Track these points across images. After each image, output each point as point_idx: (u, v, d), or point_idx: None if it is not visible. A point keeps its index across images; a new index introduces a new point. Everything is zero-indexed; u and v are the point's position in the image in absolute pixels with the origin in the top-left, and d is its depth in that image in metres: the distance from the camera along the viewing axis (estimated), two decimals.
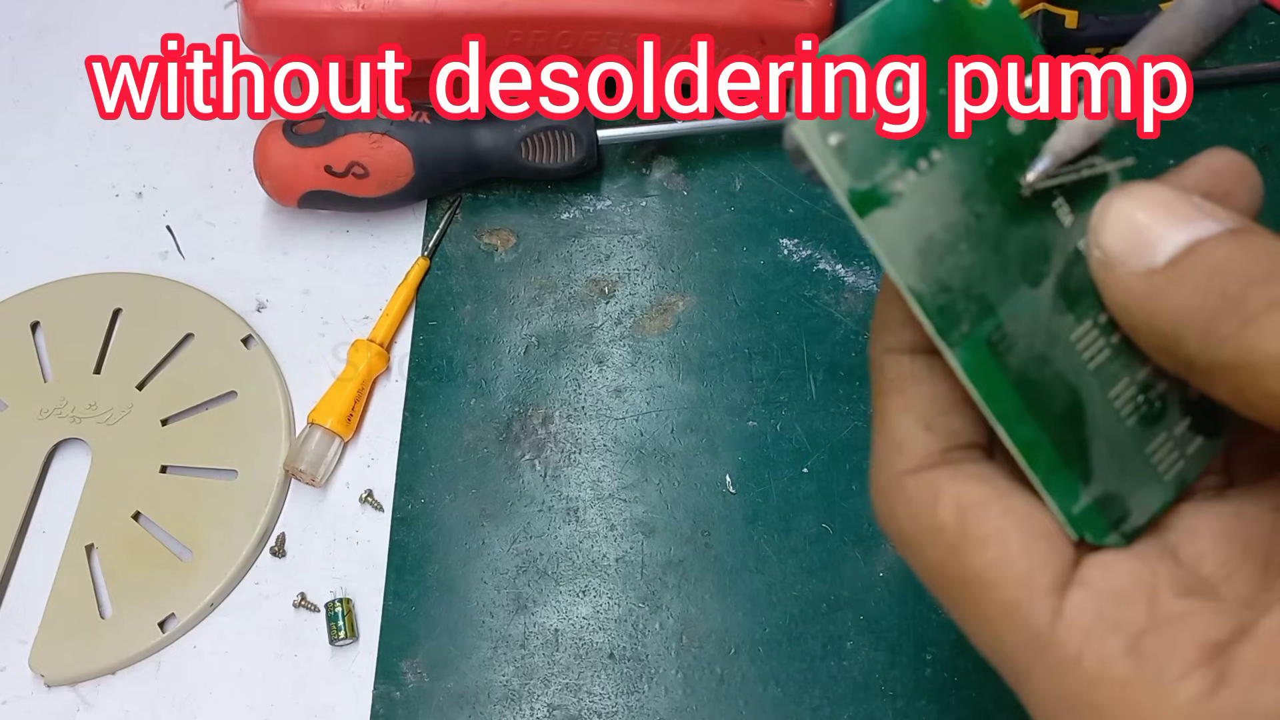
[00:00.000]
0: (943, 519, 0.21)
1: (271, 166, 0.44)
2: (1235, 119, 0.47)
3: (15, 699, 0.40)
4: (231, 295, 0.46)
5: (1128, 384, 0.22)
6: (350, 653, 0.40)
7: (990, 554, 0.21)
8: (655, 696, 0.39)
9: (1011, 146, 0.21)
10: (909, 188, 0.21)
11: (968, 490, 0.21)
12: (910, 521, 0.22)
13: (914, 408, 0.22)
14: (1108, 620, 0.19)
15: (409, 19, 0.43)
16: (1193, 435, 0.22)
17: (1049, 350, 0.21)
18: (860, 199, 0.20)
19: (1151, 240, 0.20)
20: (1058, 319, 0.22)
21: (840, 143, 0.20)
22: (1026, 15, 0.46)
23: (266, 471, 0.42)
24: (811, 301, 0.45)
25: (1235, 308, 0.19)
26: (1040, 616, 0.20)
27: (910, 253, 0.20)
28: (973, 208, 0.21)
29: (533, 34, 0.45)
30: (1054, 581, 0.20)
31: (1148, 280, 0.20)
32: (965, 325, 0.21)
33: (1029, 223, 0.21)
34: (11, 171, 0.50)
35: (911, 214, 0.21)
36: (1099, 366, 0.22)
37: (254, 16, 0.43)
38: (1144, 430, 0.22)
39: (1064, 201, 0.22)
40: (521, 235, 0.47)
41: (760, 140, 0.48)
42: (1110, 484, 0.22)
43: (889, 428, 0.23)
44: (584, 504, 0.42)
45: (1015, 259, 0.21)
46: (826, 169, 0.20)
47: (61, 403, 0.44)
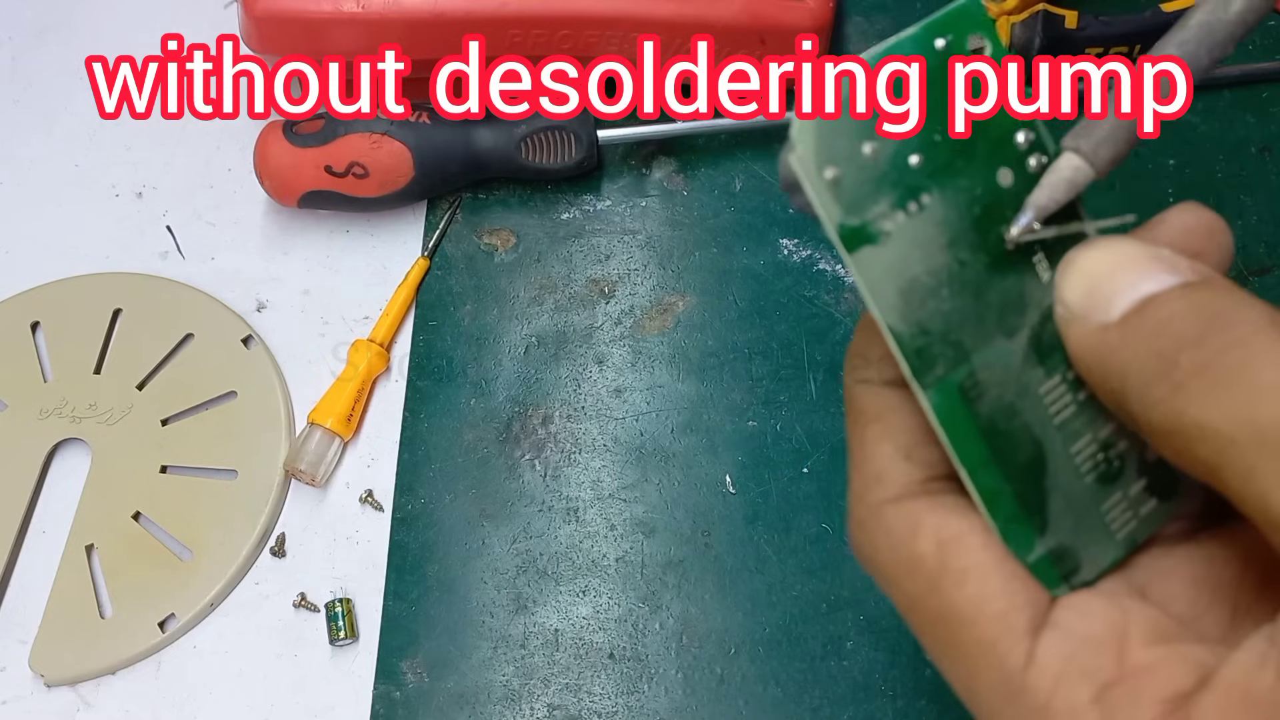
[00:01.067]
0: (922, 550, 0.21)
1: (271, 166, 0.44)
2: (1235, 119, 0.47)
3: (15, 699, 0.40)
4: (231, 295, 0.46)
5: (1090, 441, 0.22)
6: (350, 653, 0.40)
7: (969, 590, 0.20)
8: (655, 696, 0.39)
9: (998, 198, 0.22)
10: (898, 229, 0.21)
11: (947, 523, 0.21)
12: (889, 552, 0.22)
13: (893, 437, 0.22)
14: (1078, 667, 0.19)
15: (409, 19, 0.43)
16: (1148, 497, 0.23)
17: (1018, 401, 0.22)
18: (850, 235, 0.20)
19: (1107, 295, 0.20)
20: (1029, 371, 0.22)
21: (835, 177, 0.20)
22: (1026, 15, 0.46)
23: (266, 471, 0.42)
24: (811, 301, 0.45)
25: (1168, 370, 0.19)
26: (1015, 659, 0.20)
27: (894, 293, 0.21)
28: (957, 255, 0.21)
29: (533, 34, 0.45)
30: (1030, 623, 0.20)
31: (1101, 335, 0.20)
32: (940, 369, 0.21)
33: (1009, 275, 0.22)
34: (11, 171, 0.50)
35: (898, 255, 0.21)
36: (1064, 422, 0.22)
37: (254, 16, 0.43)
38: (1101, 488, 0.22)
39: (1044, 257, 0.22)
40: (521, 235, 0.47)
41: (760, 140, 0.48)
42: (1065, 537, 0.22)
43: (868, 458, 0.22)
44: (584, 504, 0.42)
45: (993, 309, 0.22)
46: (820, 202, 0.20)
47: (61, 403, 0.44)
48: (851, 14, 0.50)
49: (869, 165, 0.21)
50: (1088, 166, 0.21)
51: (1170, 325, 0.19)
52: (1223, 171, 0.46)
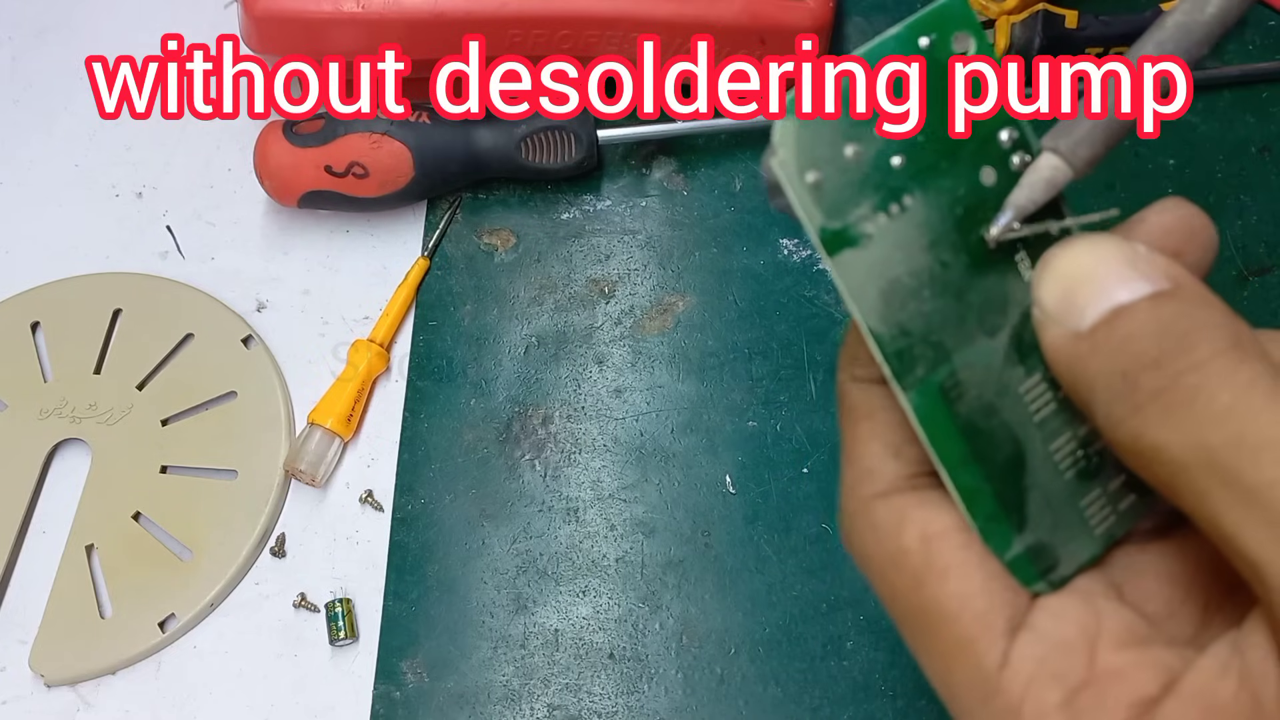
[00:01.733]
0: (907, 544, 0.21)
1: (271, 166, 0.44)
2: (1235, 119, 0.47)
3: (15, 699, 0.40)
4: (231, 295, 0.46)
5: (1069, 438, 0.22)
6: (350, 653, 0.40)
7: (951, 587, 0.21)
8: (655, 696, 0.39)
9: (981, 197, 0.22)
10: (879, 231, 0.21)
11: (932, 518, 0.21)
12: (876, 545, 0.22)
13: (882, 434, 0.23)
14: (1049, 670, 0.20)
15: (409, 19, 0.43)
16: (1126, 492, 0.23)
17: (998, 400, 0.22)
18: (831, 238, 0.20)
19: (1080, 303, 0.20)
20: (1009, 370, 0.22)
21: (817, 181, 0.20)
22: (1026, 15, 0.46)
23: (266, 471, 0.42)
24: (811, 301, 0.45)
25: (1130, 391, 0.19)
26: (991, 659, 0.20)
27: (874, 295, 0.21)
28: (939, 256, 0.21)
29: (533, 34, 0.45)
30: (1008, 623, 0.20)
31: (1073, 344, 0.20)
32: (920, 370, 0.21)
33: (991, 274, 0.22)
34: (11, 171, 0.50)
35: (879, 257, 0.21)
36: (1043, 419, 0.22)
37: (254, 16, 0.43)
38: (1080, 484, 0.22)
39: (1026, 255, 0.22)
40: (521, 235, 0.47)
41: (760, 140, 0.48)
42: (1043, 534, 0.22)
43: (858, 454, 0.23)
44: (584, 504, 0.42)
45: (975, 309, 0.22)
46: (801, 206, 0.20)
47: (61, 403, 0.44)
48: (851, 14, 0.51)
49: (851, 168, 0.21)
50: (1066, 166, 0.21)
51: (1133, 344, 0.19)
52: (1223, 171, 0.46)
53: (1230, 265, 0.44)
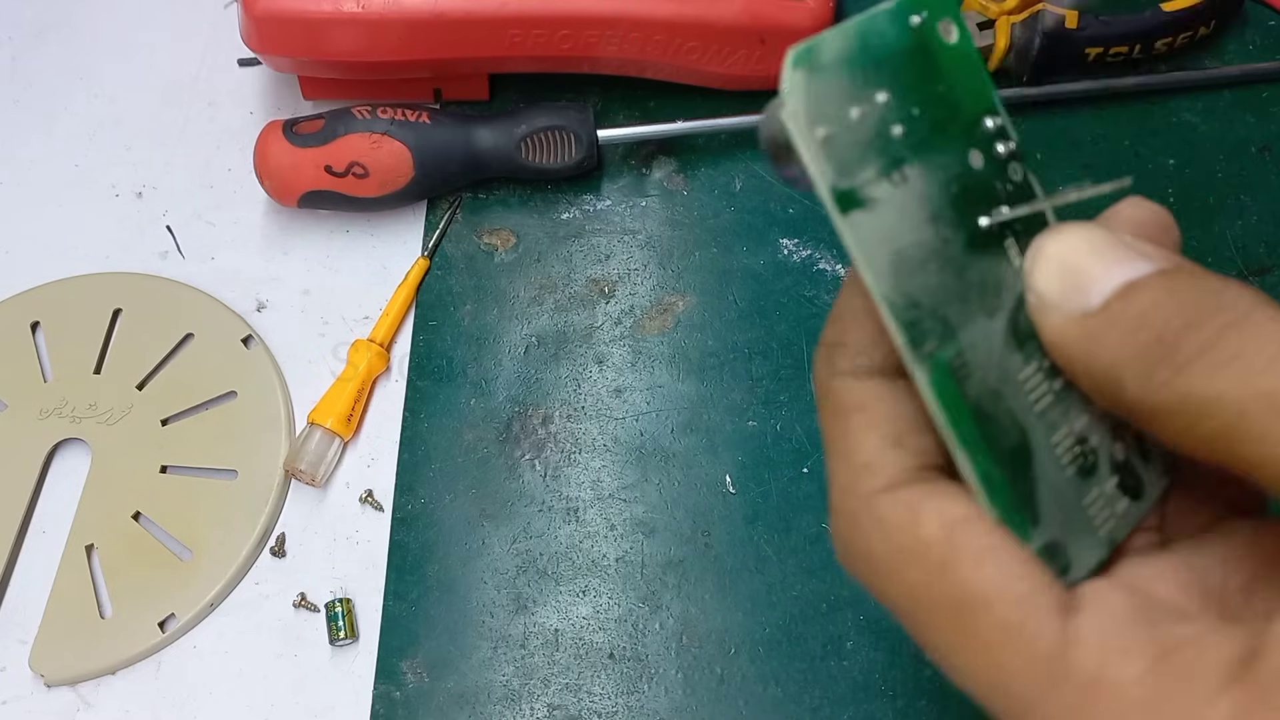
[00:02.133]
0: (928, 535, 0.20)
1: (271, 166, 0.44)
2: (1235, 119, 0.47)
3: (15, 699, 0.40)
4: (231, 295, 0.46)
5: (1066, 433, 0.22)
6: (350, 653, 0.40)
7: (986, 572, 0.20)
8: (655, 696, 0.39)
9: (973, 179, 0.22)
10: (884, 197, 0.21)
11: (950, 507, 0.20)
12: (884, 543, 0.21)
13: (879, 426, 0.22)
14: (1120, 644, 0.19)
15: (409, 19, 0.43)
16: (1120, 495, 0.23)
17: (1001, 386, 0.21)
18: (842, 197, 0.20)
19: (1084, 284, 0.20)
20: (1009, 356, 0.22)
21: (827, 136, 0.20)
22: (1026, 15, 0.46)
23: (266, 471, 0.42)
24: (811, 301, 0.45)
25: (1170, 353, 0.19)
26: (1048, 639, 0.19)
27: (885, 262, 0.20)
28: (939, 231, 0.21)
29: (533, 34, 0.44)
30: (1056, 604, 0.19)
31: (1083, 324, 0.20)
32: (930, 344, 0.21)
33: (985, 256, 0.22)
34: (11, 171, 0.50)
35: (886, 224, 0.21)
36: (1043, 411, 0.22)
37: (254, 16, 0.43)
38: (1082, 482, 0.22)
39: (1014, 242, 0.22)
40: (521, 235, 0.47)
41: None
42: (1055, 532, 0.21)
43: (853, 449, 0.22)
44: (584, 504, 0.42)
45: (975, 288, 0.21)
46: (813, 161, 0.20)
47: (61, 403, 0.44)
48: (851, 14, 0.50)
49: (856, 129, 0.20)
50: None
51: (1161, 310, 0.19)
52: (1223, 171, 0.46)
53: (1230, 265, 0.44)
